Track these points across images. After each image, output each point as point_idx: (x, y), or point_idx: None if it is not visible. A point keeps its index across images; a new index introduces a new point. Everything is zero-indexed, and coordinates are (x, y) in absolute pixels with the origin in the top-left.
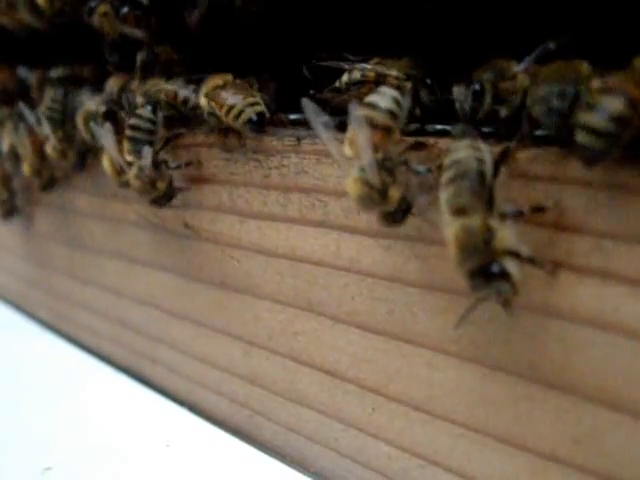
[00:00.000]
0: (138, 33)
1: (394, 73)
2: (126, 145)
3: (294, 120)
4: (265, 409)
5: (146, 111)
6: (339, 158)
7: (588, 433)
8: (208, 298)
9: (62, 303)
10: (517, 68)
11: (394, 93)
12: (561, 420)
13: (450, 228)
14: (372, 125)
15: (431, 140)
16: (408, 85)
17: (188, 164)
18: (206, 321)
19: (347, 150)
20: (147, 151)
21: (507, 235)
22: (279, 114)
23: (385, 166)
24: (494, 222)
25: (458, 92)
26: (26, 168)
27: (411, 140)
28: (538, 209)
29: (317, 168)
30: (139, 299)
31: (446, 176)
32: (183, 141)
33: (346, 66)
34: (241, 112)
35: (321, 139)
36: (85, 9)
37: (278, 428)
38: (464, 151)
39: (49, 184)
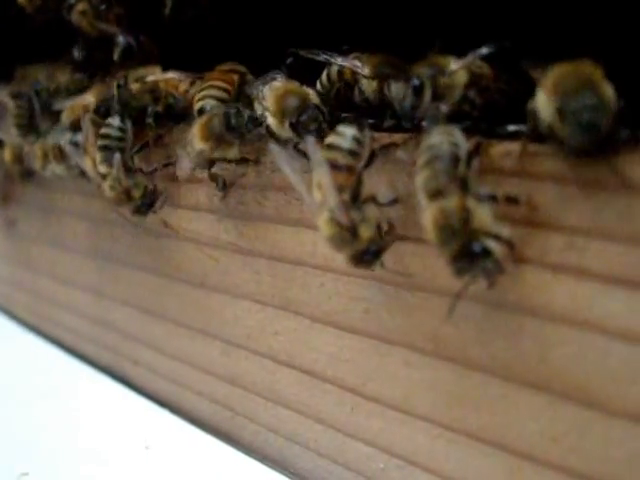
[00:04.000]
0: (116, 31)
1: (366, 71)
2: (98, 155)
3: None
4: (245, 409)
5: (115, 120)
6: (309, 201)
7: (565, 431)
8: (187, 297)
9: (43, 303)
10: (455, 64)
11: (353, 132)
12: (537, 419)
13: (427, 212)
14: (335, 167)
15: (400, 138)
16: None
17: (166, 165)
18: (185, 321)
19: (316, 194)
20: (117, 159)
21: (485, 216)
22: None
23: (353, 203)
24: (471, 203)
25: (396, 89)
26: (7, 155)
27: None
28: (511, 199)
29: (302, 187)
30: (120, 299)
31: (421, 160)
32: (160, 141)
33: (323, 57)
34: None
35: (292, 183)
36: (64, 6)
37: (258, 428)
38: (438, 136)
39: (28, 173)
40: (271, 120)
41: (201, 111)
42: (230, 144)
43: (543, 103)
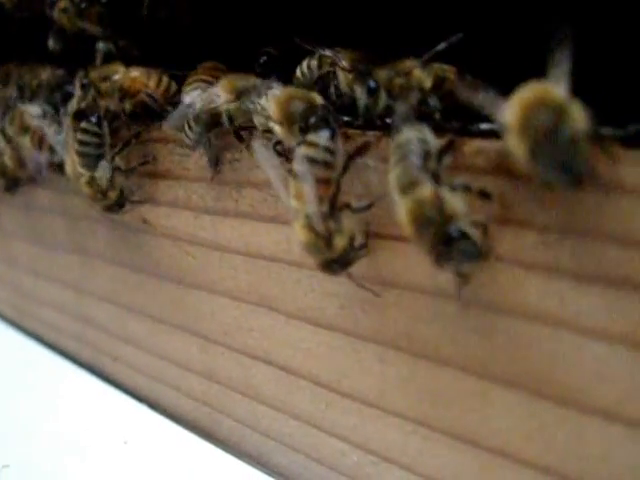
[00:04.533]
0: (97, 29)
1: (344, 64)
2: (77, 159)
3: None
4: (222, 405)
5: (91, 125)
6: (286, 200)
7: (537, 429)
8: (166, 294)
9: (25, 299)
10: (411, 64)
11: (325, 142)
12: (510, 416)
13: (402, 207)
14: (315, 179)
15: (372, 136)
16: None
17: (144, 163)
18: (164, 317)
19: (293, 201)
20: (103, 166)
21: (458, 204)
22: None
23: (331, 214)
24: (443, 192)
25: (358, 88)
26: None
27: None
28: (484, 194)
29: (281, 188)
30: (100, 295)
31: (392, 159)
32: (140, 137)
33: (309, 47)
34: None
35: (273, 184)
36: (45, 3)
37: (234, 424)
38: (407, 134)
39: (13, 185)
40: (278, 129)
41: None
42: None
43: (514, 143)
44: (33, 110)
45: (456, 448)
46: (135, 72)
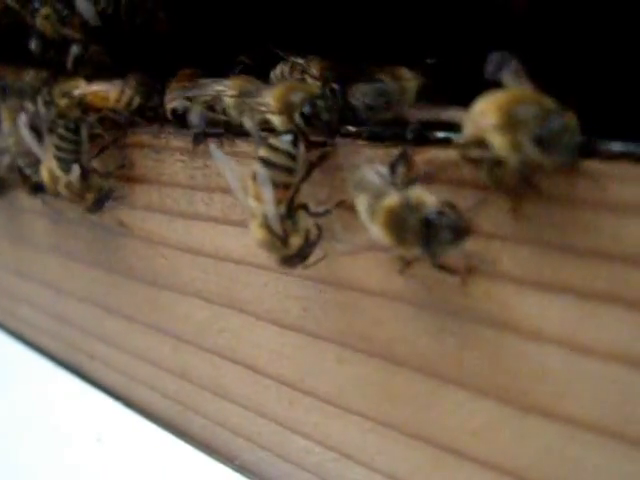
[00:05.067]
0: (80, 36)
1: (314, 72)
2: (54, 162)
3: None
4: (194, 403)
5: (68, 132)
6: (243, 201)
7: (483, 426)
8: (141, 294)
9: (5, 297)
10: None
11: (287, 147)
12: (458, 414)
13: (375, 224)
14: (274, 184)
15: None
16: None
17: (120, 167)
18: (139, 317)
19: (251, 201)
20: (75, 169)
21: (424, 195)
22: None
23: (288, 215)
24: (407, 192)
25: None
26: None
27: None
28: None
29: (240, 170)
30: (78, 295)
31: (355, 197)
32: (117, 142)
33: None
34: None
35: (230, 184)
36: (28, 10)
37: (206, 422)
38: (360, 170)
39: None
40: (276, 119)
41: (174, 111)
42: None
43: (501, 140)
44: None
45: (410, 445)
46: (96, 86)
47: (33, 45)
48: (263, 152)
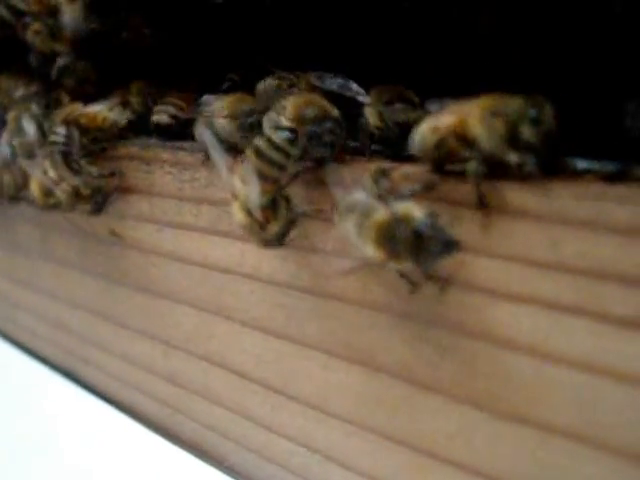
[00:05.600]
0: (69, 50)
1: (302, 86)
2: (47, 163)
3: None
4: (184, 407)
5: (59, 137)
6: (228, 182)
7: (458, 430)
8: (133, 301)
9: (1, 303)
10: None
11: (284, 144)
12: (435, 418)
13: (366, 241)
14: (262, 176)
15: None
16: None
17: (112, 174)
18: (131, 323)
19: (237, 183)
20: (58, 159)
21: (411, 208)
22: None
23: (270, 206)
24: (394, 207)
25: None
26: None
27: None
28: (429, 187)
29: (226, 177)
30: (72, 302)
31: (347, 222)
32: (106, 153)
33: (271, 68)
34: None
35: (214, 162)
36: (19, 25)
37: (196, 425)
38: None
39: None
40: (286, 124)
41: (158, 125)
42: None
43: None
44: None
45: (390, 448)
46: (88, 108)
47: (32, 59)
48: (259, 142)
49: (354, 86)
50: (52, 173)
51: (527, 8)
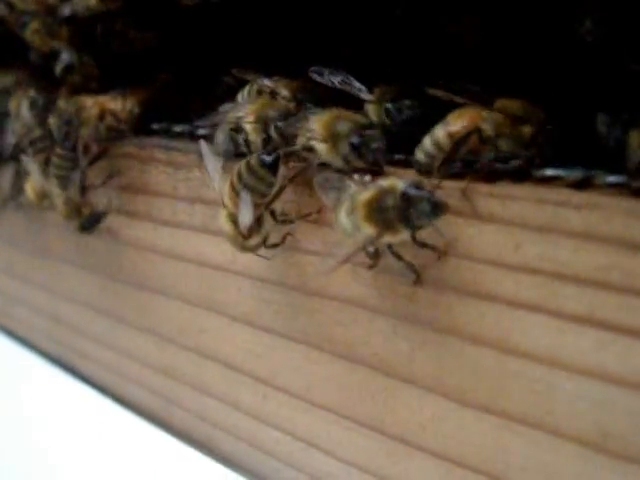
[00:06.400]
0: (68, 48)
1: (285, 93)
2: (53, 180)
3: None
4: (177, 398)
5: (67, 149)
6: (219, 191)
7: (429, 419)
8: (128, 296)
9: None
10: None
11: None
12: (408, 408)
13: (358, 221)
14: (251, 190)
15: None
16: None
17: (110, 177)
18: (126, 317)
19: (227, 200)
20: (74, 184)
21: (391, 180)
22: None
23: (256, 221)
24: (377, 184)
25: None
26: None
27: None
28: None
29: (218, 184)
30: (69, 296)
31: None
32: (106, 152)
33: (249, 77)
34: None
35: (209, 174)
36: (18, 23)
37: (187, 415)
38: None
39: None
40: (321, 146)
41: None
42: None
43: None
44: None
45: (367, 436)
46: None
47: (32, 57)
48: (242, 170)
49: (355, 82)
50: (56, 189)
51: (510, 18)
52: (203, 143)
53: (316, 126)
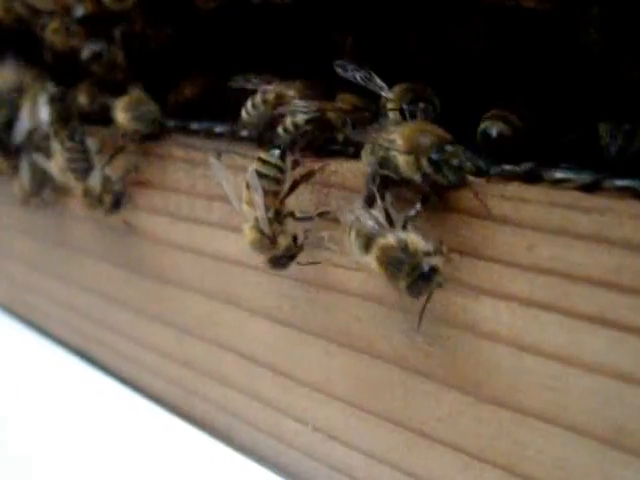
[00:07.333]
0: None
1: (291, 93)
2: (70, 174)
3: (218, 133)
4: (196, 389)
5: (77, 145)
6: (238, 209)
7: (446, 412)
8: (145, 288)
9: (20, 289)
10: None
11: (276, 160)
12: (426, 401)
13: (371, 260)
14: (264, 190)
15: (318, 164)
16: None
17: (128, 172)
18: (144, 308)
19: (245, 207)
20: (95, 175)
21: (415, 239)
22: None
23: (276, 219)
24: (400, 234)
25: None
26: None
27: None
28: (425, 198)
29: (235, 180)
30: (86, 286)
31: (349, 236)
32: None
33: (249, 86)
34: None
35: (225, 192)
36: (38, 24)
37: (208, 406)
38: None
39: None
40: (401, 158)
41: None
42: None
43: None
44: None
45: (386, 428)
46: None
47: (47, 56)
48: (255, 165)
49: (377, 80)
50: (76, 182)
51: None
52: (215, 164)
53: (397, 137)
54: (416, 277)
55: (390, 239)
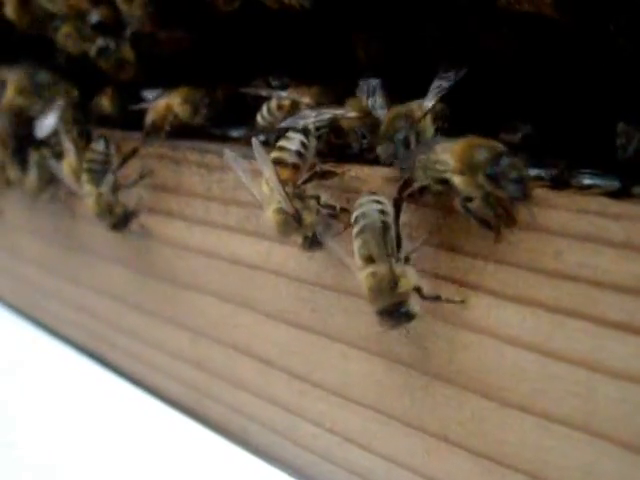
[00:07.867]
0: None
1: (306, 100)
2: (84, 176)
3: (235, 137)
4: (211, 392)
5: (100, 145)
6: (259, 197)
7: (469, 417)
8: (160, 291)
9: (34, 292)
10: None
11: (301, 137)
12: (447, 406)
13: (361, 273)
14: (283, 165)
15: (340, 168)
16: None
17: (142, 177)
18: (158, 311)
19: (265, 188)
20: (108, 179)
21: (410, 275)
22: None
23: (297, 195)
24: (399, 268)
25: None
26: None
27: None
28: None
29: (252, 185)
30: (100, 289)
31: (354, 230)
32: (137, 152)
33: (264, 93)
34: None
35: (243, 182)
36: (50, 27)
37: (223, 409)
38: (367, 205)
39: None
40: (457, 179)
41: None
42: None
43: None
44: None
45: (405, 432)
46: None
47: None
48: (281, 142)
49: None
50: (88, 187)
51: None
52: (231, 156)
53: (448, 158)
54: (388, 312)
55: (383, 270)
